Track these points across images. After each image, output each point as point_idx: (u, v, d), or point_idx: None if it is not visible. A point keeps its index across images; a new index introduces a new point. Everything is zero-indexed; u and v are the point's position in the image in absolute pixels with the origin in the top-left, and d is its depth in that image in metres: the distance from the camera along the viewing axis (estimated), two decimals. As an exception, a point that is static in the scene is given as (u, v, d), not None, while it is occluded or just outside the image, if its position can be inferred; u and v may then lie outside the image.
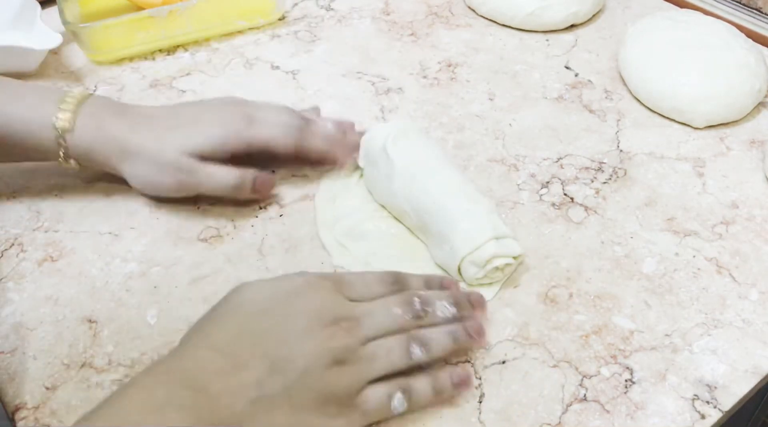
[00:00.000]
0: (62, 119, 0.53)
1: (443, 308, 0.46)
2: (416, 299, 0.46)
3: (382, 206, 0.58)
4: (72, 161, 0.55)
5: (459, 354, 0.49)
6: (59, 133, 0.53)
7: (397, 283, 0.47)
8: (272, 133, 0.56)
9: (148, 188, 0.57)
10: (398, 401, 0.43)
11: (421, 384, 0.44)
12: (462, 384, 0.46)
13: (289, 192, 0.60)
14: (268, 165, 0.60)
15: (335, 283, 0.45)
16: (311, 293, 0.44)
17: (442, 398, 0.45)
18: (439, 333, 0.45)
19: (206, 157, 0.55)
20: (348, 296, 0.45)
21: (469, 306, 0.48)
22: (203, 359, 0.41)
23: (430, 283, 0.49)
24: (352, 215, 0.58)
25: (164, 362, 0.42)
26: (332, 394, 0.42)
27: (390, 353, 0.43)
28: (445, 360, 0.47)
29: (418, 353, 0.44)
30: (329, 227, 0.57)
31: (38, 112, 0.53)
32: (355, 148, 0.60)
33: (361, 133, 0.60)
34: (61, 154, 0.54)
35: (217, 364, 0.41)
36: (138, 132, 0.54)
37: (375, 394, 0.43)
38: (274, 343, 0.42)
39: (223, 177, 0.55)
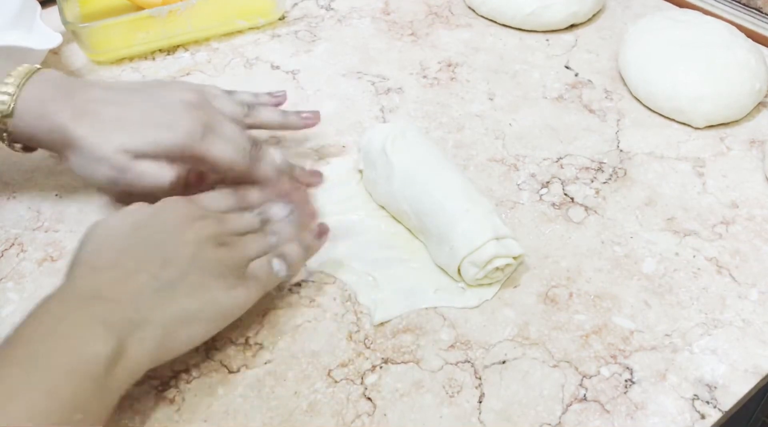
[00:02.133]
0: (2, 103, 0.50)
1: (280, 209, 0.53)
2: (259, 211, 0.52)
3: (382, 207, 0.58)
4: (17, 145, 0.53)
5: (458, 355, 0.49)
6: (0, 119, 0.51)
7: (239, 191, 0.53)
8: (222, 153, 0.53)
9: (84, 178, 0.54)
10: (278, 265, 0.49)
11: (291, 248, 0.50)
12: (323, 234, 0.52)
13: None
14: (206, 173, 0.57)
15: (188, 199, 0.50)
16: (171, 207, 0.48)
17: (312, 253, 0.52)
18: (283, 224, 0.52)
19: (144, 156, 0.52)
20: (203, 207, 0.50)
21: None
22: (93, 278, 0.43)
23: (264, 190, 0.54)
24: (351, 215, 0.58)
25: (53, 293, 0.43)
26: (225, 267, 0.46)
27: (256, 240, 0.50)
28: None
29: (274, 240, 0.50)
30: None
31: None
32: (306, 182, 0.59)
33: (313, 172, 0.60)
34: (4, 137, 0.52)
35: (108, 278, 0.43)
36: (80, 122, 0.51)
37: (258, 264, 0.48)
38: (156, 247, 0.45)
39: (156, 176, 0.52)
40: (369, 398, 0.47)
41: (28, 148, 0.54)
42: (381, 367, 0.49)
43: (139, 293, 0.43)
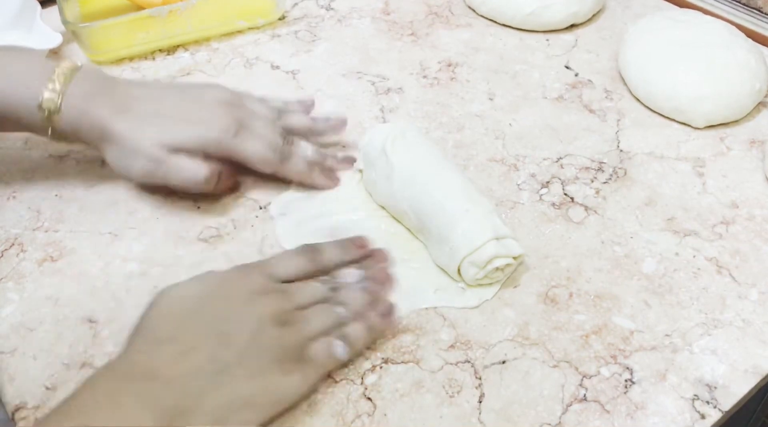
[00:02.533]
0: (49, 100, 0.52)
1: (352, 275, 0.50)
2: (335, 278, 0.50)
3: (382, 207, 0.58)
4: (64, 143, 0.55)
5: (458, 355, 0.49)
6: (46, 115, 0.52)
7: (314, 252, 0.50)
8: (255, 150, 0.56)
9: (121, 172, 0.56)
10: (340, 348, 0.46)
11: (354, 328, 0.47)
12: (388, 315, 0.49)
13: (288, 192, 0.60)
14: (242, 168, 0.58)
15: (258, 267, 0.48)
16: (239, 278, 0.47)
17: (377, 333, 0.49)
18: (354, 292, 0.49)
19: (180, 151, 0.54)
20: (272, 276, 0.48)
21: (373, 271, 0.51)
22: (150, 352, 0.42)
23: (343, 247, 0.51)
24: (351, 215, 0.58)
25: (111, 364, 0.43)
26: (283, 351, 0.44)
27: (321, 314, 0.47)
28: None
29: (342, 311, 0.48)
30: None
31: (24, 91, 0.52)
32: (338, 169, 0.61)
33: (345, 158, 0.61)
34: (49, 133, 0.54)
35: (166, 353, 0.42)
36: (120, 117, 0.53)
37: (319, 346, 0.46)
38: (217, 322, 0.44)
39: (193, 171, 0.54)
40: (369, 398, 0.47)
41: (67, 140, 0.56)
42: (381, 367, 0.48)
43: (193, 374, 0.41)
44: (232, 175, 0.58)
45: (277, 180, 0.60)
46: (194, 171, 0.54)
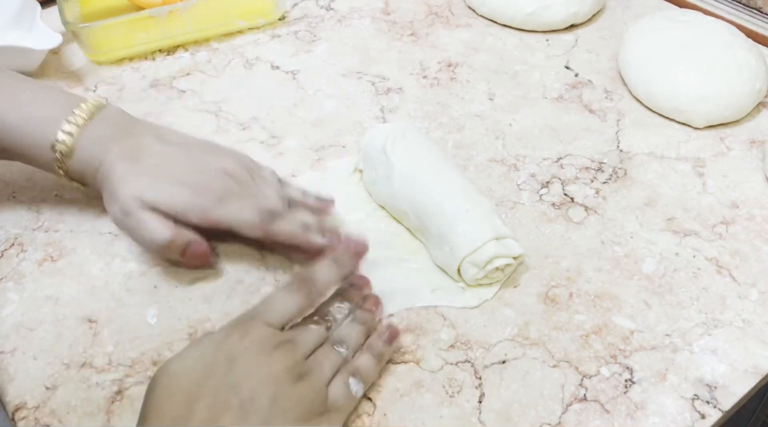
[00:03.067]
0: (63, 143, 0.50)
1: (342, 310, 0.49)
2: (327, 316, 0.48)
3: (382, 207, 0.58)
4: (75, 183, 0.53)
5: (458, 355, 0.49)
6: (59, 158, 0.51)
7: (307, 284, 0.47)
8: (239, 217, 0.51)
9: (109, 213, 0.53)
10: (354, 385, 0.45)
11: (363, 360, 0.47)
12: (393, 337, 0.49)
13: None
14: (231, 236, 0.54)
15: (255, 317, 0.44)
16: (240, 335, 0.43)
17: (386, 360, 0.48)
18: (349, 328, 0.48)
19: (155, 210, 0.50)
20: (272, 324, 0.44)
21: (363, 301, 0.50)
22: None
23: (336, 261, 0.49)
24: (351, 215, 0.58)
25: None
26: (306, 406, 0.42)
27: (330, 357, 0.45)
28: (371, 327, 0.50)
29: (343, 350, 0.46)
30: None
31: (41, 132, 0.51)
32: (326, 247, 0.53)
33: (327, 246, 0.53)
34: (62, 174, 0.52)
35: None
36: (122, 163, 0.51)
37: (335, 390, 0.44)
38: (231, 391, 0.40)
39: (153, 231, 0.50)
40: (369, 398, 0.47)
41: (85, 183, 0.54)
42: (381, 367, 0.49)
43: None
44: (204, 255, 0.53)
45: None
46: (156, 232, 0.50)
